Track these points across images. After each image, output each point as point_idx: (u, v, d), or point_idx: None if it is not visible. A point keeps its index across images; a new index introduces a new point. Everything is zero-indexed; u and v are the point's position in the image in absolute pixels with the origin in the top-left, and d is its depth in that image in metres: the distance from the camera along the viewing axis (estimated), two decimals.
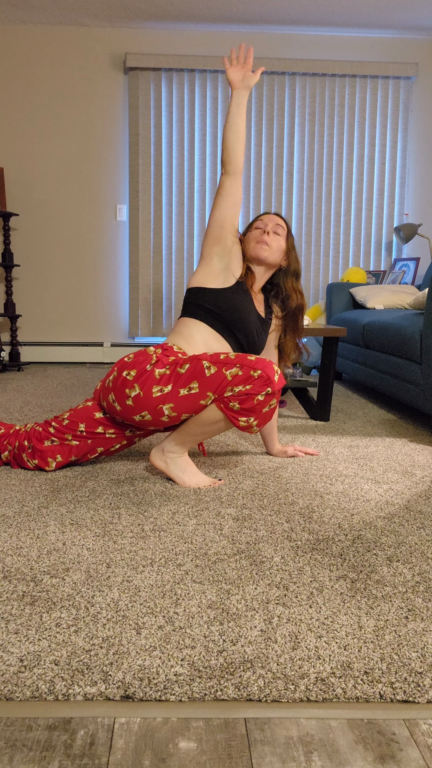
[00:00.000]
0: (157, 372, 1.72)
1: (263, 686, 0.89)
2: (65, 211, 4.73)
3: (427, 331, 2.36)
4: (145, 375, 1.73)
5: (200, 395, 1.69)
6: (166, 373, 1.72)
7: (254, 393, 1.67)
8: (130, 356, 1.81)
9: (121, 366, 1.78)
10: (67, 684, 0.89)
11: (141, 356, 1.78)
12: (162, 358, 1.76)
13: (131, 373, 1.74)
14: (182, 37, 4.60)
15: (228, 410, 1.70)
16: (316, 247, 4.82)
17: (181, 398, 1.70)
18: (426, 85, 4.74)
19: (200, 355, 1.74)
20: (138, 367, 1.74)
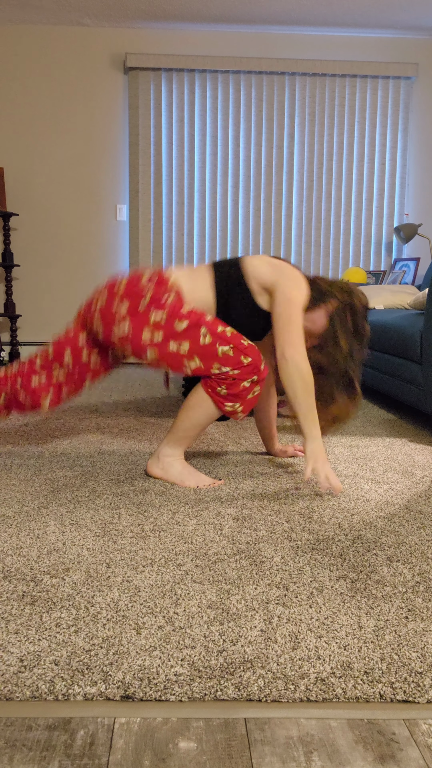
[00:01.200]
0: (152, 318, 1.71)
1: (263, 686, 0.89)
2: (65, 211, 4.73)
3: (428, 332, 2.36)
4: (138, 317, 1.72)
5: (187, 357, 1.70)
6: (161, 323, 1.70)
7: (240, 379, 1.70)
8: (121, 282, 1.77)
9: (111, 295, 1.75)
10: (67, 684, 0.89)
11: (133, 287, 1.74)
12: (156, 296, 1.73)
13: (122, 307, 1.72)
14: (182, 37, 4.60)
15: (215, 394, 1.73)
16: (316, 247, 4.82)
17: (168, 352, 1.71)
18: (426, 85, 4.74)
19: (200, 316, 1.72)
20: (131, 302, 1.72)
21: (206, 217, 4.77)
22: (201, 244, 4.78)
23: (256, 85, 4.65)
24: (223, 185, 4.75)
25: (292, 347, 1.73)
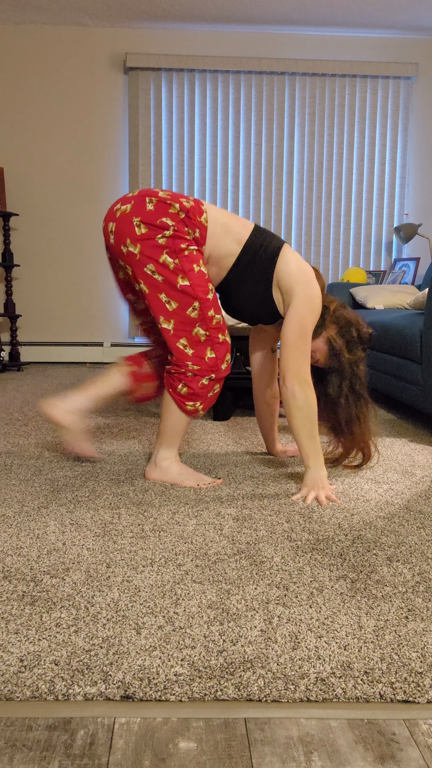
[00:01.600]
0: (162, 257, 1.67)
1: (263, 686, 0.89)
2: (65, 211, 4.73)
3: (427, 331, 2.36)
4: (151, 246, 1.68)
5: (168, 313, 1.70)
6: (168, 268, 1.67)
7: (200, 375, 1.71)
8: (153, 198, 1.67)
9: (139, 205, 1.67)
10: (67, 684, 0.89)
11: (161, 212, 1.66)
12: (178, 233, 1.66)
13: (142, 227, 1.66)
14: (182, 37, 4.60)
15: (176, 395, 1.74)
16: (316, 247, 4.82)
17: (157, 298, 1.70)
18: (426, 85, 4.74)
19: (202, 287, 1.69)
20: (150, 226, 1.66)
21: None
22: None
23: (256, 85, 4.65)
24: (223, 185, 4.75)
25: (292, 375, 1.71)
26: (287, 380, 1.72)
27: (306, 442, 1.73)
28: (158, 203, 1.68)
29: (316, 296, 1.77)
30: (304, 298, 1.75)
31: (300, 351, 1.72)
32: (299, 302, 1.74)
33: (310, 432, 1.72)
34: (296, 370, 1.72)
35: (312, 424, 1.72)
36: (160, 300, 1.70)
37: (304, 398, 1.71)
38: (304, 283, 1.76)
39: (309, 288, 1.76)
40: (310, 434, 1.72)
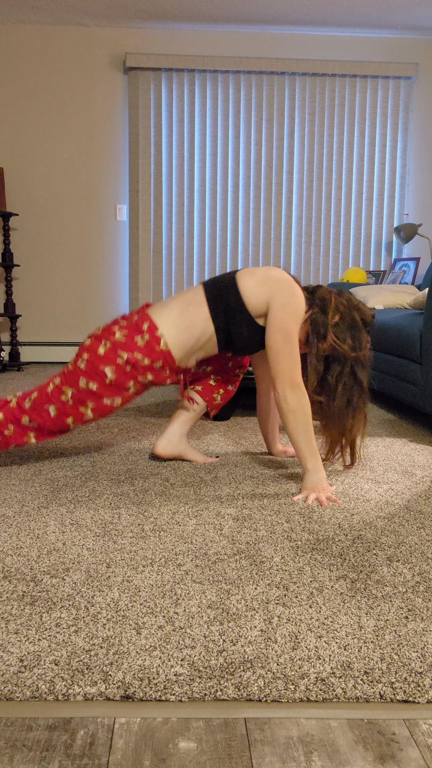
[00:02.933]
0: (105, 399, 1.80)
1: (263, 686, 0.89)
2: (65, 211, 4.73)
3: (427, 331, 2.36)
4: (98, 403, 1.80)
5: (76, 373, 1.80)
6: (114, 362, 1.76)
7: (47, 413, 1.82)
8: (109, 367, 1.76)
9: (91, 366, 1.77)
10: (67, 684, 0.89)
11: (123, 377, 1.77)
12: (119, 380, 1.77)
13: (91, 385, 1.77)
14: (182, 37, 4.60)
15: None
16: (316, 247, 4.82)
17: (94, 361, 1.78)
18: (426, 85, 4.74)
19: (111, 395, 1.80)
20: (98, 383, 1.77)
21: (206, 217, 4.77)
22: (201, 244, 4.78)
23: (256, 85, 4.65)
24: (223, 185, 4.75)
25: (283, 381, 1.72)
26: (278, 386, 1.73)
27: (303, 445, 1.73)
28: (117, 370, 1.76)
29: (290, 296, 1.76)
30: (280, 303, 1.75)
31: (288, 356, 1.73)
32: (275, 308, 1.75)
33: (305, 435, 1.73)
34: (286, 375, 1.72)
35: (307, 427, 1.72)
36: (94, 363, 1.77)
37: (297, 402, 1.71)
38: (273, 290, 1.77)
39: (281, 291, 1.77)
40: (306, 437, 1.73)
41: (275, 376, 1.74)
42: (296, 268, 4.83)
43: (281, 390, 1.72)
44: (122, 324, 1.79)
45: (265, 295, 1.77)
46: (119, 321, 1.82)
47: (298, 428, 1.72)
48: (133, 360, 1.74)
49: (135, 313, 1.84)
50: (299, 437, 1.73)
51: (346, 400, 1.83)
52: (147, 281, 4.76)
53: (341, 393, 1.82)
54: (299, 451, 1.74)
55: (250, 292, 1.78)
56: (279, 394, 1.73)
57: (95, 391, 1.77)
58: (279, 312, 1.75)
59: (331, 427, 1.88)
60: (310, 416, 1.73)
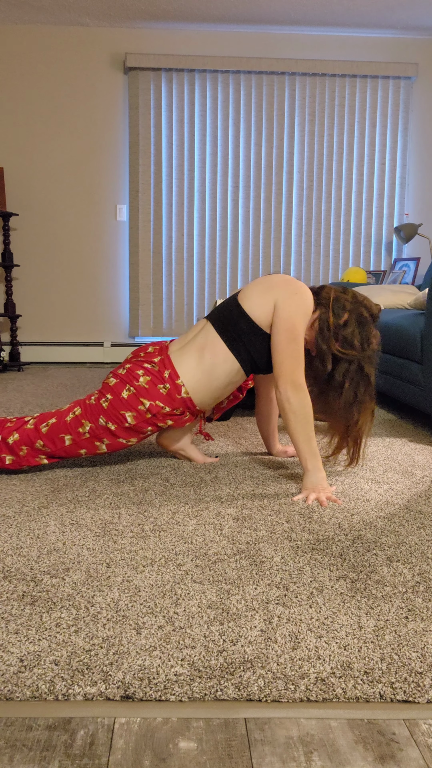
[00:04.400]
0: (121, 439, 1.82)
1: (263, 686, 0.89)
2: (65, 211, 4.73)
3: (428, 331, 2.36)
4: (113, 441, 1.82)
5: (100, 408, 1.81)
6: (138, 403, 1.78)
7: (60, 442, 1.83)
8: (131, 413, 1.78)
9: (113, 409, 1.78)
10: (67, 684, 0.89)
11: (119, 415, 1.78)
12: (138, 425, 1.79)
13: (110, 425, 1.79)
14: (182, 37, 4.60)
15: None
16: (316, 247, 4.82)
17: (121, 390, 1.80)
18: (426, 85, 4.74)
19: (112, 435, 1.81)
20: (117, 426, 1.79)
21: (206, 217, 4.77)
22: (201, 244, 4.78)
23: (256, 85, 4.65)
24: (223, 185, 4.75)
25: (285, 381, 1.72)
26: (280, 386, 1.73)
27: (303, 445, 1.73)
28: (137, 417, 1.78)
29: (294, 293, 1.76)
30: (283, 301, 1.75)
31: (292, 356, 1.72)
32: (280, 307, 1.75)
33: (306, 435, 1.72)
34: (289, 375, 1.72)
35: (308, 427, 1.72)
36: (120, 393, 1.78)
37: (299, 402, 1.71)
38: (275, 293, 1.77)
39: (283, 289, 1.77)
40: (307, 437, 1.73)
41: (278, 375, 1.74)
42: (296, 268, 4.83)
43: (284, 390, 1.72)
44: (147, 368, 1.79)
45: (270, 302, 1.77)
46: (143, 362, 1.82)
47: (299, 428, 1.72)
48: (155, 409, 1.76)
49: (158, 352, 1.84)
50: (300, 437, 1.73)
51: (353, 395, 1.82)
52: (147, 281, 4.76)
53: (348, 388, 1.82)
54: (299, 451, 1.74)
55: (257, 307, 1.78)
56: (281, 393, 1.73)
57: (113, 431, 1.79)
58: (283, 311, 1.74)
59: (337, 423, 1.87)
60: (311, 416, 1.73)
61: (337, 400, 1.83)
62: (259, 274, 4.82)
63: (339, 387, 1.82)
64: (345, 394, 1.82)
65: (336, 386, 1.82)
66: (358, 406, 1.83)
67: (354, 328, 1.80)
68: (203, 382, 1.79)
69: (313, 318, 1.83)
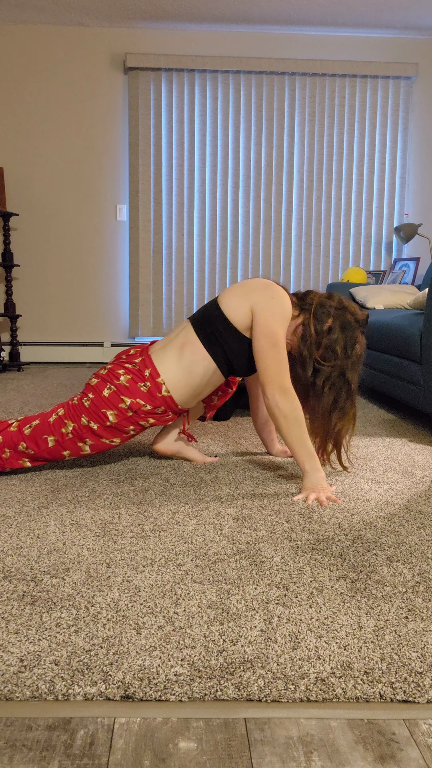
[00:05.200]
0: (104, 439, 1.82)
1: (263, 686, 0.89)
2: (65, 211, 4.73)
3: (427, 331, 2.36)
4: (96, 441, 1.81)
5: (82, 408, 1.81)
6: (119, 401, 1.78)
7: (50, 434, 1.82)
8: (112, 411, 1.77)
9: (94, 407, 1.77)
10: (67, 684, 0.89)
11: (100, 413, 1.77)
12: (120, 424, 1.79)
13: (92, 425, 1.78)
14: (182, 37, 4.60)
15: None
16: (316, 247, 4.82)
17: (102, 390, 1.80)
18: (426, 85, 4.74)
19: (110, 436, 1.82)
20: (99, 425, 1.78)
21: (206, 217, 4.77)
22: (201, 244, 4.78)
23: (256, 85, 4.65)
24: (223, 185, 4.75)
25: (272, 386, 1.72)
26: (267, 392, 1.73)
27: (298, 448, 1.73)
28: (118, 414, 1.77)
29: (270, 298, 1.76)
30: (261, 307, 1.75)
31: (275, 360, 1.72)
32: (257, 312, 1.75)
33: (300, 437, 1.72)
34: (275, 380, 1.72)
35: (300, 429, 1.72)
36: (102, 393, 1.78)
37: (288, 406, 1.71)
38: (252, 297, 1.77)
39: (260, 294, 1.77)
40: (301, 439, 1.72)
41: (264, 382, 1.73)
42: (296, 268, 4.83)
43: (271, 396, 1.72)
44: (127, 367, 1.80)
45: (247, 305, 1.77)
46: (124, 363, 1.82)
47: (292, 432, 1.72)
48: (135, 406, 1.76)
49: (139, 353, 1.85)
50: (294, 440, 1.73)
51: (333, 401, 1.82)
52: (147, 281, 4.76)
53: (328, 394, 1.82)
54: (296, 454, 1.74)
55: (233, 310, 1.78)
56: (269, 399, 1.73)
57: (95, 431, 1.78)
58: (261, 316, 1.74)
59: (317, 427, 1.88)
60: (303, 419, 1.73)
61: (318, 404, 1.83)
62: (259, 274, 4.82)
63: (320, 392, 1.82)
64: (325, 399, 1.82)
65: (317, 391, 1.82)
66: (339, 412, 1.83)
67: (338, 334, 1.80)
68: (183, 379, 1.79)
69: (297, 323, 1.83)
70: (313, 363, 1.80)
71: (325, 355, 1.80)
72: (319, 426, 1.86)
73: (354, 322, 1.82)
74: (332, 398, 1.82)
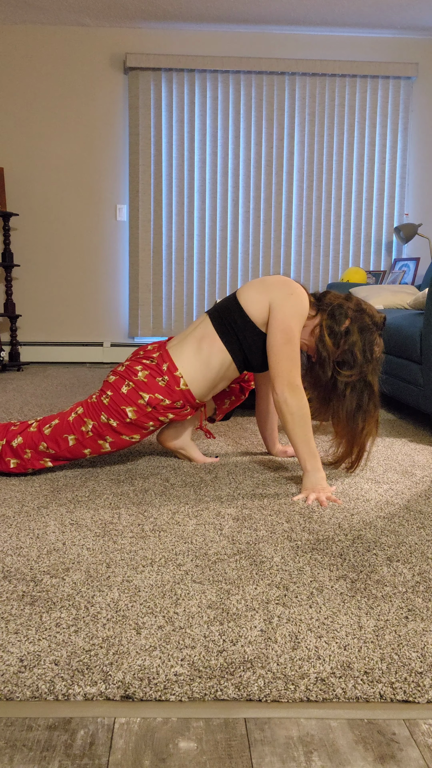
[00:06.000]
0: (124, 436, 1.81)
1: (263, 686, 0.89)
2: (65, 211, 4.73)
3: (427, 331, 2.36)
4: (117, 438, 1.81)
5: (101, 405, 1.80)
6: (137, 397, 1.78)
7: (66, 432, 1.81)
8: (131, 408, 1.77)
9: (113, 404, 1.77)
10: (67, 684, 0.89)
11: (120, 410, 1.77)
12: (139, 420, 1.78)
13: (111, 422, 1.77)
14: (182, 37, 4.60)
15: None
16: (316, 247, 4.82)
17: (120, 388, 1.79)
18: (426, 85, 4.74)
19: (129, 433, 1.81)
20: (118, 421, 1.78)
21: (206, 217, 4.77)
22: (201, 244, 4.78)
23: (256, 85, 4.65)
24: (223, 185, 4.75)
25: (282, 383, 1.72)
26: (277, 387, 1.73)
27: (301, 446, 1.73)
28: (137, 411, 1.77)
29: (289, 294, 1.76)
30: (279, 302, 1.75)
31: (288, 357, 1.72)
32: (275, 307, 1.75)
33: (304, 436, 1.72)
34: (286, 376, 1.72)
35: (305, 428, 1.72)
36: (121, 392, 1.77)
37: (296, 404, 1.71)
38: (271, 292, 1.77)
39: (279, 290, 1.77)
40: (305, 438, 1.73)
41: (274, 377, 1.73)
42: (296, 268, 4.83)
43: (280, 392, 1.72)
44: (145, 363, 1.80)
45: (266, 300, 1.77)
46: (142, 359, 1.82)
47: (297, 430, 1.72)
48: (154, 401, 1.75)
49: (156, 349, 1.85)
50: (298, 438, 1.73)
51: (356, 403, 1.82)
52: (147, 281, 4.76)
53: (350, 397, 1.82)
54: (298, 452, 1.74)
55: (252, 304, 1.79)
56: (278, 395, 1.73)
57: (115, 428, 1.78)
58: (279, 311, 1.75)
59: (342, 430, 1.87)
60: (309, 417, 1.73)
61: (341, 407, 1.83)
62: (259, 274, 4.82)
63: (342, 395, 1.82)
64: (348, 402, 1.82)
65: (339, 394, 1.82)
66: (363, 414, 1.83)
67: (356, 337, 1.79)
68: (201, 372, 1.79)
69: (314, 324, 1.83)
70: (332, 364, 1.81)
71: (344, 358, 1.80)
72: (344, 429, 1.86)
73: (372, 324, 1.82)
74: (355, 401, 1.82)
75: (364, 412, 1.83)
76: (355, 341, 1.79)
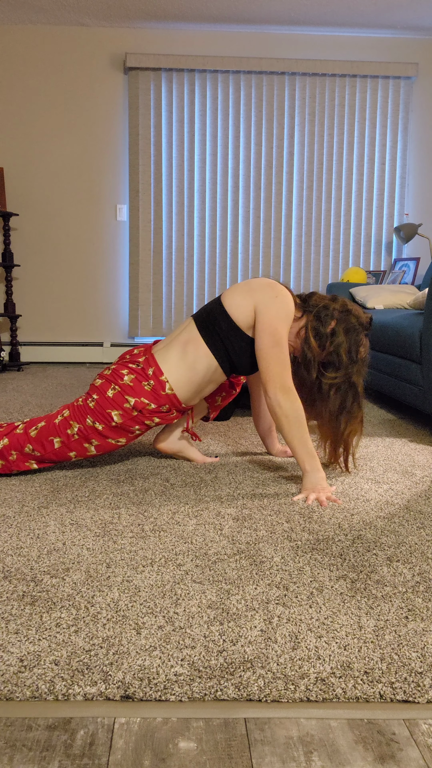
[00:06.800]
0: (109, 439, 1.81)
1: (263, 686, 0.89)
2: (65, 211, 4.73)
3: (427, 331, 2.36)
4: (102, 441, 1.81)
5: (88, 409, 1.80)
6: (123, 400, 1.78)
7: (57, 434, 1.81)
8: (117, 411, 1.77)
9: (99, 408, 1.77)
10: (67, 684, 0.89)
11: (128, 422, 1.77)
12: (125, 424, 1.78)
13: (97, 425, 1.78)
14: (182, 37, 4.60)
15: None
16: (316, 247, 4.82)
17: (107, 392, 1.79)
18: (426, 85, 4.74)
19: (115, 436, 1.81)
20: (104, 425, 1.78)
21: (206, 217, 4.77)
22: (201, 244, 4.78)
23: (256, 85, 4.65)
24: (223, 185, 4.75)
25: (274, 386, 1.72)
26: (269, 390, 1.72)
27: (299, 447, 1.73)
28: (123, 414, 1.77)
29: (274, 297, 1.76)
30: (264, 305, 1.75)
31: (277, 359, 1.72)
32: (261, 311, 1.75)
33: (301, 438, 1.72)
34: (277, 379, 1.72)
35: (301, 429, 1.72)
36: (107, 395, 1.77)
37: (290, 405, 1.71)
38: (256, 296, 1.77)
39: (263, 293, 1.77)
40: (302, 440, 1.72)
41: (265, 381, 1.73)
42: (296, 268, 4.83)
43: (273, 395, 1.72)
44: (131, 367, 1.80)
45: (251, 304, 1.77)
46: (128, 363, 1.82)
47: (293, 431, 1.72)
48: (140, 405, 1.75)
49: (142, 353, 1.85)
50: (294, 440, 1.73)
51: (340, 405, 1.82)
52: (147, 281, 4.76)
53: (335, 398, 1.82)
54: (296, 454, 1.74)
55: (236, 308, 1.78)
56: (271, 399, 1.72)
57: (101, 431, 1.78)
58: (265, 314, 1.74)
59: (325, 432, 1.88)
60: (304, 419, 1.73)
61: (325, 408, 1.83)
62: (259, 274, 4.82)
63: (326, 396, 1.82)
64: (332, 403, 1.82)
65: (323, 395, 1.83)
66: (346, 415, 1.83)
67: (342, 338, 1.79)
68: (186, 376, 1.79)
69: (300, 325, 1.83)
70: (317, 365, 1.80)
71: (330, 359, 1.80)
72: (328, 430, 1.87)
73: (358, 325, 1.82)
74: (339, 402, 1.82)
75: (347, 413, 1.83)
76: (340, 342, 1.79)
